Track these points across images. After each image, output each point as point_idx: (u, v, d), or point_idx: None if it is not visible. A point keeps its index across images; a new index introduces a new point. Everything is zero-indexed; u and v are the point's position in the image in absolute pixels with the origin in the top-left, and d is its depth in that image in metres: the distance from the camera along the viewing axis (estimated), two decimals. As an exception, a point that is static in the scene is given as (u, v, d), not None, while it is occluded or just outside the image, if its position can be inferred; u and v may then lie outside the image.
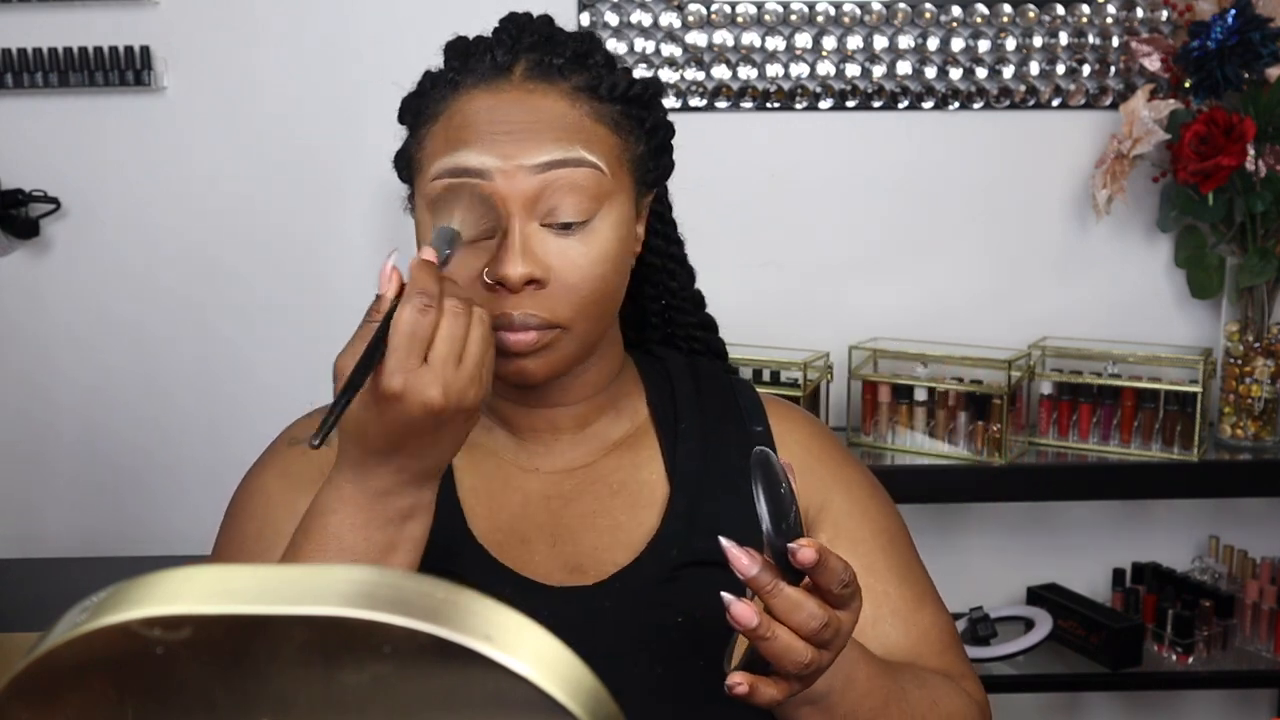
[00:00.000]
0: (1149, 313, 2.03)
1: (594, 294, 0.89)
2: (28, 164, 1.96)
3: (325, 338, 2.02)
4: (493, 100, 0.90)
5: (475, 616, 0.34)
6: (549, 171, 0.87)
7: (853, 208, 2.01)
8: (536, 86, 0.90)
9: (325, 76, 1.95)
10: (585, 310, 0.89)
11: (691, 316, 1.10)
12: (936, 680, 0.93)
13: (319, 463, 0.95)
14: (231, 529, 0.97)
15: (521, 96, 0.90)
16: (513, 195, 0.87)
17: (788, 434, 1.02)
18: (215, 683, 0.35)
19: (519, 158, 0.87)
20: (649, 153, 0.95)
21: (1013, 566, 2.09)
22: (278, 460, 0.99)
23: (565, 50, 0.92)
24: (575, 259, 0.88)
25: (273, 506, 0.95)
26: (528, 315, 0.87)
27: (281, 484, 0.96)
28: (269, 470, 0.98)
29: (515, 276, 0.86)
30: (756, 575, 0.73)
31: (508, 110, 0.89)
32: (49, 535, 2.07)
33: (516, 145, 0.87)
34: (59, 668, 0.34)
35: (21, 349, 2.03)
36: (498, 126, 0.88)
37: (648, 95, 0.95)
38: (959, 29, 1.95)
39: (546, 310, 0.88)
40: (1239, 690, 2.15)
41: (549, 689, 0.34)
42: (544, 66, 0.91)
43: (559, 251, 0.88)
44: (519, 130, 0.88)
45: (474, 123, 0.89)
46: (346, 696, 0.35)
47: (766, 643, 0.73)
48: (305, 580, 0.34)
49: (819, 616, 0.73)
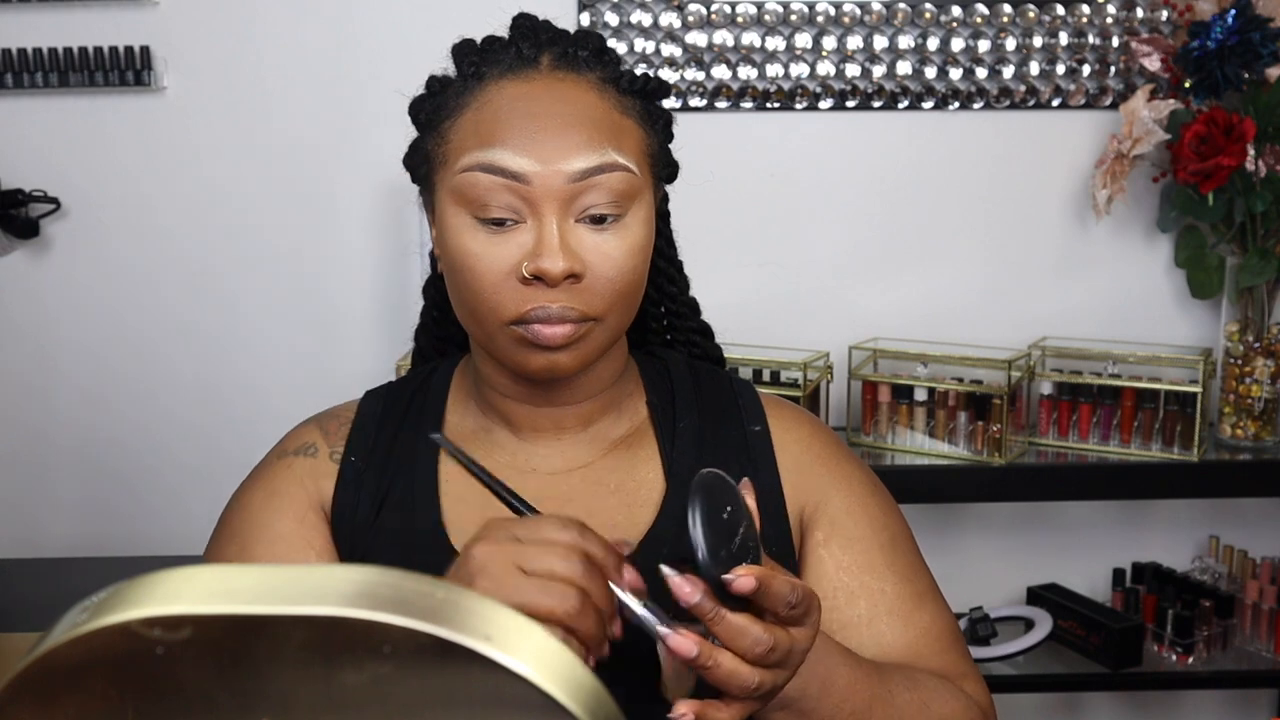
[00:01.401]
0: (1149, 313, 2.03)
1: (627, 287, 0.90)
2: (28, 164, 1.96)
3: (323, 337, 2.03)
4: (524, 89, 0.90)
5: (475, 616, 0.34)
6: (585, 180, 0.87)
7: (853, 208, 2.01)
8: (566, 76, 0.91)
9: (325, 76, 1.95)
10: (618, 303, 0.90)
11: (690, 321, 1.10)
12: (932, 682, 0.92)
13: (305, 482, 0.96)
14: (214, 547, 0.98)
15: (551, 85, 0.90)
16: (549, 195, 0.87)
17: (786, 433, 1.02)
18: (215, 683, 0.35)
19: (556, 162, 0.87)
20: (662, 148, 0.96)
21: (1013, 566, 2.09)
22: (265, 478, 0.99)
23: (585, 44, 0.93)
24: (610, 253, 0.89)
25: (252, 527, 0.95)
26: (566, 308, 0.88)
27: (264, 503, 0.96)
28: (256, 489, 0.98)
29: (556, 271, 0.86)
30: (699, 603, 0.72)
31: (539, 100, 0.89)
32: (48, 534, 2.07)
33: (554, 144, 0.87)
34: (59, 668, 0.34)
35: (21, 348, 2.03)
36: (532, 121, 0.88)
37: (662, 91, 0.96)
38: (959, 29, 1.95)
39: (583, 303, 0.88)
40: (1239, 690, 2.15)
41: (548, 689, 0.34)
42: (569, 58, 0.92)
43: (594, 246, 0.88)
44: (554, 124, 0.88)
45: (506, 114, 0.89)
46: (346, 696, 0.35)
47: (709, 671, 0.73)
48: (305, 580, 0.34)
49: (764, 641, 0.72)
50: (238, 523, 0.97)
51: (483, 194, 0.87)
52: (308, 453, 0.99)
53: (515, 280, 0.87)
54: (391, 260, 1.99)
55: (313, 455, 0.99)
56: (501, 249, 0.87)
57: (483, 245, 0.88)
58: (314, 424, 1.02)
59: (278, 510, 0.96)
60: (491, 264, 0.87)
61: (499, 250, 0.87)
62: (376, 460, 0.98)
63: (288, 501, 0.96)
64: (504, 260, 0.87)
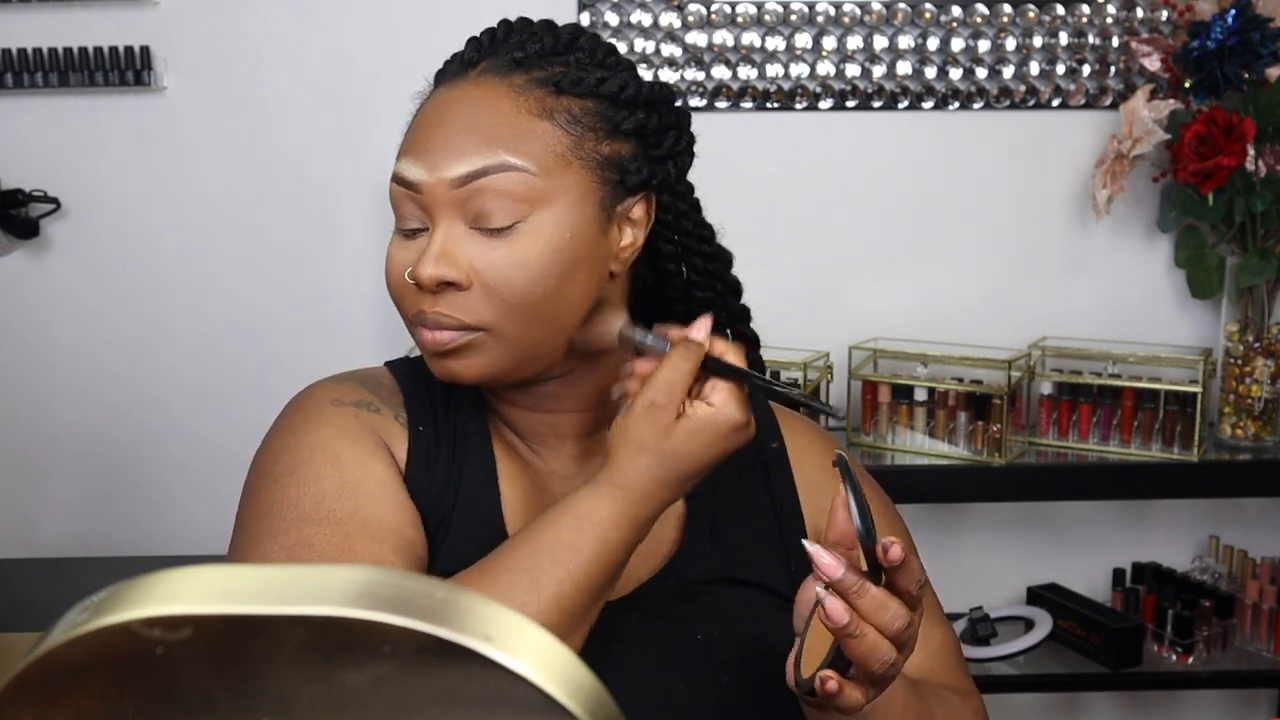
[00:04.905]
0: (1149, 313, 2.03)
1: (519, 296, 0.86)
2: (28, 164, 1.96)
3: (323, 337, 2.03)
4: (444, 97, 0.90)
5: (475, 616, 0.34)
6: (469, 184, 0.86)
7: (853, 208, 2.01)
8: (485, 81, 0.89)
9: (325, 76, 1.95)
10: (511, 314, 0.86)
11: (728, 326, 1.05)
12: (954, 701, 0.94)
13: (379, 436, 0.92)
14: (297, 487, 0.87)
15: (467, 91, 0.89)
16: (437, 202, 0.87)
17: (803, 450, 1.02)
18: (215, 683, 0.35)
19: (441, 169, 0.86)
20: (632, 155, 0.90)
21: (1013, 566, 2.09)
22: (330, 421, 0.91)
23: (537, 45, 0.90)
24: (497, 261, 0.86)
25: (344, 465, 0.88)
26: (440, 315, 0.87)
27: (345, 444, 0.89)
28: (324, 429, 0.90)
29: (424, 277, 0.86)
30: (842, 577, 0.73)
31: (446, 108, 0.89)
32: (47, 535, 2.07)
33: (441, 152, 0.87)
34: (59, 668, 0.34)
35: (21, 348, 2.03)
36: (431, 130, 0.89)
37: (625, 94, 0.90)
38: (959, 29, 1.95)
39: (462, 312, 0.86)
40: (1239, 690, 2.15)
41: (549, 689, 0.34)
42: (503, 62, 0.89)
43: (482, 254, 0.86)
44: (447, 132, 0.87)
45: (420, 125, 0.90)
46: (346, 696, 0.35)
47: (855, 640, 0.74)
48: (305, 580, 0.34)
49: (903, 616, 0.74)
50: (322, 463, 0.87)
51: (397, 204, 0.90)
52: (369, 409, 0.93)
53: (409, 284, 0.89)
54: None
55: (376, 412, 0.93)
56: (405, 254, 0.89)
57: (394, 249, 0.90)
58: (354, 381, 0.96)
59: (365, 454, 0.89)
60: (395, 267, 0.90)
61: (403, 255, 0.89)
62: (443, 432, 0.94)
63: (374, 447, 0.90)
64: (404, 264, 0.89)
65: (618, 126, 0.90)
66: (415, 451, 0.92)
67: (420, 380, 0.97)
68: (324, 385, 0.96)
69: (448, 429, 0.95)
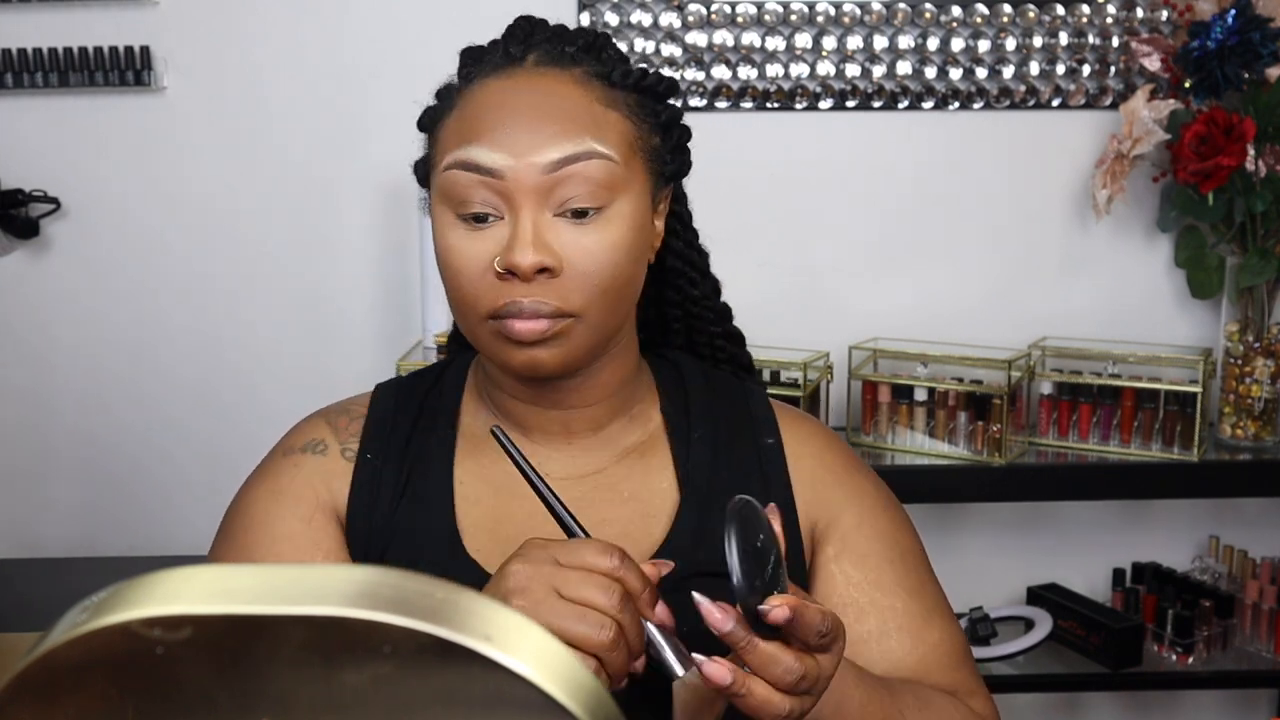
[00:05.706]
0: (1149, 313, 2.03)
1: (608, 282, 0.88)
2: (28, 164, 1.96)
3: (323, 338, 2.03)
4: (504, 85, 0.90)
5: (475, 616, 0.34)
6: (559, 170, 0.87)
7: (853, 208, 2.01)
8: (548, 71, 0.90)
9: (325, 76, 1.95)
10: (599, 299, 0.89)
11: (715, 326, 1.08)
12: (941, 701, 0.92)
13: (313, 481, 0.95)
14: (217, 548, 0.97)
15: (532, 80, 0.90)
16: (523, 189, 0.87)
17: (800, 446, 1.02)
18: (215, 683, 0.35)
19: (529, 155, 0.86)
20: (664, 146, 0.94)
21: (1013, 566, 2.09)
22: (270, 477, 0.97)
23: (578, 41, 0.93)
24: (589, 246, 0.87)
25: (256, 527, 0.94)
26: (539, 303, 0.87)
27: (269, 503, 0.95)
28: (259, 488, 0.97)
29: (525, 264, 0.85)
30: (730, 631, 0.72)
31: (518, 95, 0.89)
32: (46, 535, 2.07)
33: (528, 138, 0.87)
34: (59, 668, 0.34)
35: (20, 348, 2.03)
36: (508, 115, 0.88)
37: (661, 87, 0.94)
38: (959, 29, 1.95)
39: (558, 298, 0.87)
40: (1239, 690, 2.15)
41: (548, 689, 0.34)
42: (556, 55, 0.92)
43: (572, 240, 0.87)
44: (529, 118, 0.88)
45: (485, 111, 0.89)
46: (346, 696, 0.35)
47: (741, 699, 0.73)
48: (305, 580, 0.34)
49: (795, 670, 0.72)
50: (241, 524, 0.95)
51: (462, 191, 0.88)
52: (316, 450, 0.98)
53: (491, 275, 0.88)
54: (391, 261, 1.99)
55: (321, 453, 0.97)
56: (480, 244, 0.88)
57: (463, 241, 0.89)
58: (321, 419, 1.01)
59: (284, 510, 0.94)
60: (470, 259, 0.88)
61: (477, 245, 0.88)
62: (393, 457, 0.97)
63: (294, 501, 0.94)
64: (482, 255, 0.88)
65: (656, 118, 0.94)
66: (358, 482, 0.96)
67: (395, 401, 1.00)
68: (299, 426, 1.01)
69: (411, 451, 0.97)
